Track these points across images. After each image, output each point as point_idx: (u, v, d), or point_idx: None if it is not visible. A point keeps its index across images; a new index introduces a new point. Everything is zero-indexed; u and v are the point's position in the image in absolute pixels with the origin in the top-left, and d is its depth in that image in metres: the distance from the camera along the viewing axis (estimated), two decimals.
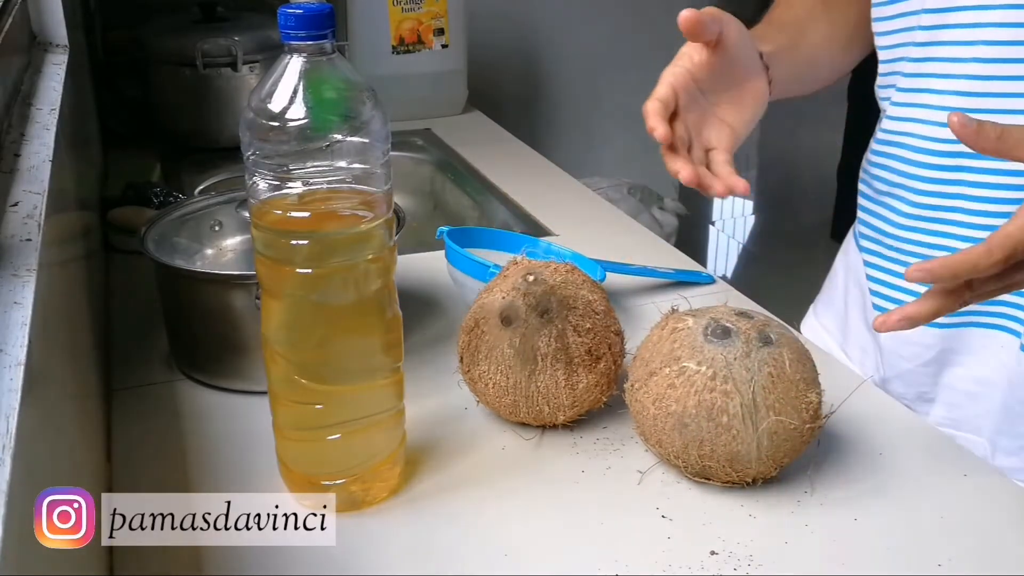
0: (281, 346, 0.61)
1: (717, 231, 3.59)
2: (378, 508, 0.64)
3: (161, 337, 0.83)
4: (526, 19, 2.09)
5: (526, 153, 1.48)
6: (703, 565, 0.59)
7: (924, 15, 0.77)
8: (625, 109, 2.13)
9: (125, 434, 0.73)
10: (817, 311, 1.00)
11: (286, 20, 0.55)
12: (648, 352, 0.66)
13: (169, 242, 0.81)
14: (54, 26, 1.04)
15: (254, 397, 0.74)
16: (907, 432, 0.74)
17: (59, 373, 0.54)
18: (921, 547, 0.61)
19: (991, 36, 0.72)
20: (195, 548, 0.59)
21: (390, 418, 0.64)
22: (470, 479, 0.67)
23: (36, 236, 0.54)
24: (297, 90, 0.56)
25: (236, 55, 1.33)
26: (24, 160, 0.66)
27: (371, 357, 0.62)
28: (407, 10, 1.53)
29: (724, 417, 0.61)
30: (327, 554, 0.60)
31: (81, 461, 0.57)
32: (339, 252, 0.58)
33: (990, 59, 0.73)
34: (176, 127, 1.40)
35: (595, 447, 0.71)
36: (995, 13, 0.72)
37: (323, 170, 0.57)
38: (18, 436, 0.38)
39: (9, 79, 0.79)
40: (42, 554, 0.43)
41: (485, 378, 0.70)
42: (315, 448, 0.63)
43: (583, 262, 0.91)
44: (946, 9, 0.75)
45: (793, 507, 0.64)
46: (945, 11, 0.75)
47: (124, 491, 0.66)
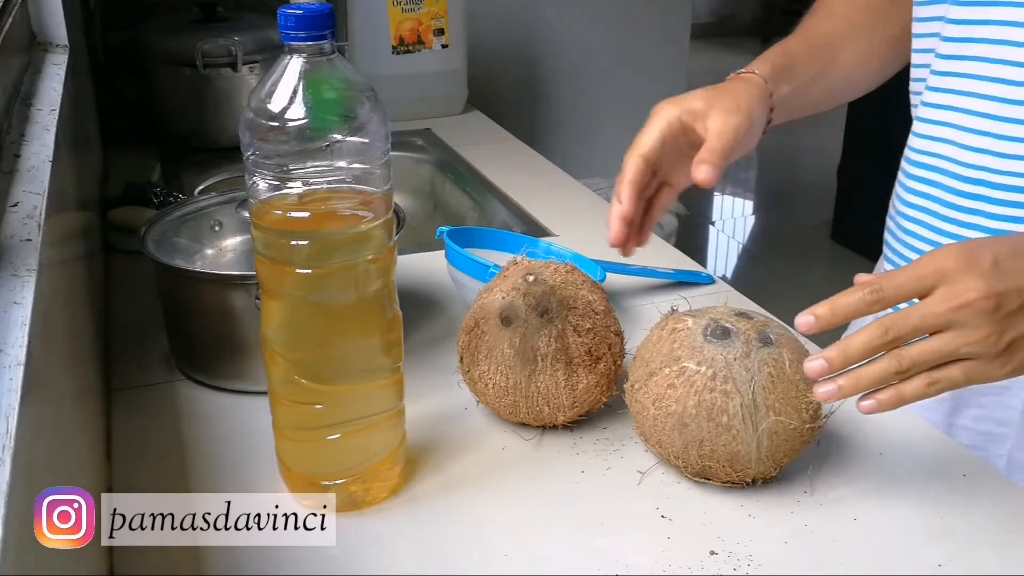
0: (281, 346, 0.61)
1: (717, 231, 3.59)
2: (378, 508, 0.64)
3: (161, 337, 0.83)
4: (526, 19, 2.09)
5: (526, 153, 1.48)
6: (703, 565, 0.59)
7: (953, 7, 0.74)
8: (625, 109, 2.13)
9: (125, 434, 0.73)
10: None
11: (286, 20, 0.55)
12: (648, 352, 0.66)
13: (169, 242, 0.81)
14: (54, 26, 1.03)
15: (254, 397, 0.74)
16: (907, 432, 0.74)
17: (59, 373, 0.54)
18: (921, 547, 0.61)
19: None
20: (195, 548, 0.59)
21: (390, 418, 0.64)
22: (470, 479, 0.67)
23: (36, 236, 0.54)
24: (297, 90, 0.56)
25: (236, 55, 1.33)
26: (24, 160, 0.66)
27: (371, 357, 0.62)
28: (407, 10, 1.53)
29: (724, 417, 0.61)
30: (327, 554, 0.60)
31: (81, 461, 0.57)
32: (339, 252, 0.58)
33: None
34: (176, 127, 1.40)
35: (595, 447, 0.71)
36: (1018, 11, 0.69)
37: (323, 170, 0.57)
38: (18, 436, 0.38)
39: (9, 79, 0.79)
40: (42, 554, 0.43)
41: (485, 378, 0.70)
42: (315, 448, 0.63)
43: (583, 262, 0.91)
44: (976, 2, 0.72)
45: (793, 507, 0.64)
46: (974, 4, 0.72)
47: (124, 491, 0.66)
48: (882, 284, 0.56)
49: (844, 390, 0.58)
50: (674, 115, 0.72)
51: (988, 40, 0.72)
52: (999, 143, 0.71)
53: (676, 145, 0.72)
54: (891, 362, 0.57)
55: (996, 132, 0.72)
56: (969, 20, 0.73)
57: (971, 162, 0.74)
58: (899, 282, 0.57)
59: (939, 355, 0.57)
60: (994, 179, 0.72)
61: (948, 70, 0.76)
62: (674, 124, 0.72)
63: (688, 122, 0.72)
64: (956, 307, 0.55)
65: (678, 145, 0.72)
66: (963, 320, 0.55)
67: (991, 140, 0.72)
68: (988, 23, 0.72)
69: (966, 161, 0.74)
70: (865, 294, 0.56)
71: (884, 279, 0.57)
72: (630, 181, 0.71)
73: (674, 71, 2.28)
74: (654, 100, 0.75)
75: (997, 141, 0.72)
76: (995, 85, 0.72)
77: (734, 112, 0.71)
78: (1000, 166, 0.72)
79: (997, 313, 0.55)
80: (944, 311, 0.55)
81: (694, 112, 0.72)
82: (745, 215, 3.85)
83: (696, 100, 0.72)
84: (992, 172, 0.72)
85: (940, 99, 0.77)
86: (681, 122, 0.72)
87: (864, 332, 0.57)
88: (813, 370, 0.57)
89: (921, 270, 0.57)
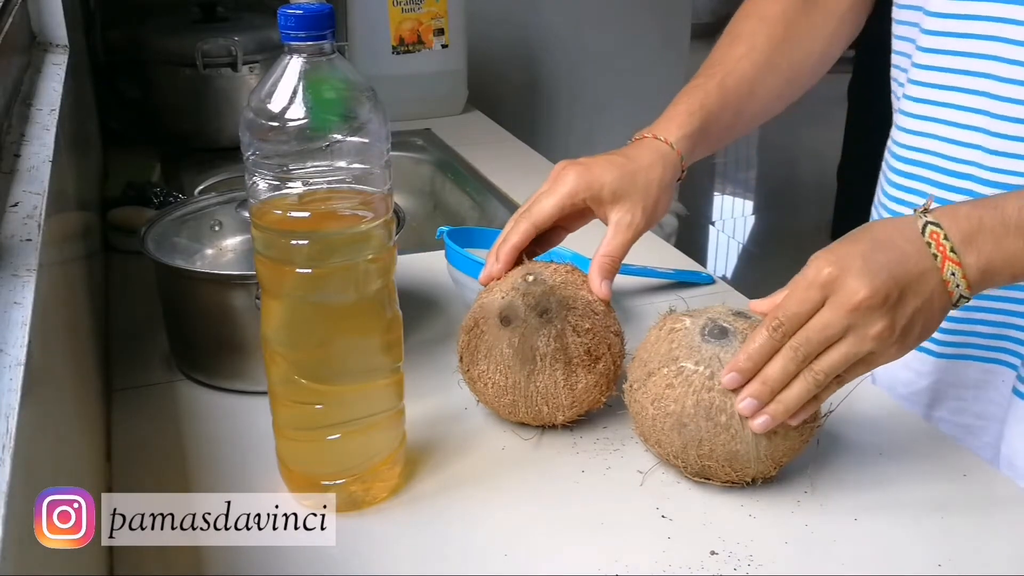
0: (281, 346, 0.61)
1: (717, 231, 3.59)
2: (378, 508, 0.64)
3: (161, 337, 0.83)
4: (526, 19, 2.08)
5: (526, 153, 1.48)
6: (703, 565, 0.59)
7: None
8: (625, 110, 2.13)
9: (125, 434, 0.73)
10: None
11: (286, 20, 0.55)
12: (646, 352, 0.66)
13: (169, 242, 0.81)
14: (54, 26, 1.03)
15: (254, 397, 0.74)
16: (907, 432, 0.74)
17: (59, 373, 0.54)
18: (921, 547, 0.61)
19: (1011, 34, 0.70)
20: (195, 548, 0.59)
21: (390, 418, 0.64)
22: (470, 479, 0.67)
23: (36, 236, 0.54)
24: (297, 90, 0.56)
25: (236, 55, 1.33)
26: (24, 160, 0.66)
27: (371, 357, 0.62)
28: (407, 10, 1.53)
29: (723, 416, 0.61)
30: (327, 554, 0.60)
31: (81, 461, 0.57)
32: (339, 252, 0.58)
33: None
34: (176, 127, 1.40)
35: (595, 447, 0.71)
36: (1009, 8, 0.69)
37: (323, 170, 0.57)
38: (18, 436, 0.38)
39: (9, 79, 0.79)
40: (42, 554, 0.43)
41: (484, 378, 0.70)
42: (315, 448, 0.63)
43: (583, 262, 0.91)
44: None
45: (793, 507, 0.64)
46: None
47: (124, 491, 0.66)
48: (778, 317, 0.61)
49: (776, 416, 0.61)
50: (579, 195, 0.73)
51: (974, 36, 0.72)
52: (989, 139, 0.72)
53: (573, 212, 0.75)
54: (808, 382, 0.61)
55: (985, 128, 0.72)
56: (950, 14, 0.73)
57: (959, 156, 0.74)
58: (793, 310, 0.60)
59: (846, 361, 0.60)
60: (983, 175, 0.73)
61: (930, 64, 0.76)
62: (577, 204, 0.74)
63: (591, 206, 0.74)
64: (849, 311, 0.59)
65: (576, 211, 0.75)
66: (859, 321, 0.59)
67: (980, 135, 0.72)
68: (971, 18, 0.72)
69: (954, 156, 0.75)
70: (771, 333, 0.61)
71: (778, 310, 0.61)
72: (513, 246, 0.73)
73: (674, 71, 2.27)
74: (654, 100, 0.75)
75: (987, 137, 0.72)
76: (984, 81, 0.72)
77: (637, 208, 0.74)
78: (989, 162, 0.72)
79: (884, 306, 0.59)
80: (840, 317, 0.59)
81: (599, 199, 0.74)
82: (745, 215, 3.85)
83: (604, 183, 0.74)
84: (981, 168, 0.73)
85: (923, 93, 0.77)
86: (584, 202, 0.74)
87: (778, 360, 0.61)
88: (731, 382, 0.61)
89: (805, 289, 0.60)
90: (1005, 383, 0.77)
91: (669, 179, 0.76)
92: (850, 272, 0.59)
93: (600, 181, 0.73)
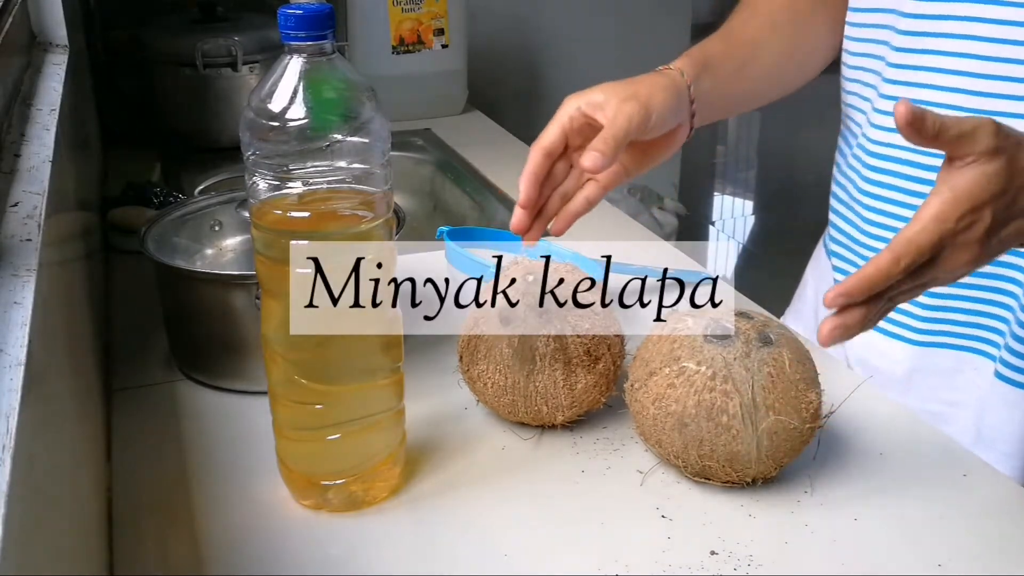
0: (281, 346, 0.61)
1: (717, 231, 3.59)
2: (378, 508, 0.64)
3: (161, 337, 0.83)
4: (526, 19, 2.08)
5: (526, 153, 1.45)
6: (703, 565, 0.59)
7: (900, 19, 0.76)
8: None
9: (125, 434, 0.73)
10: (786, 323, 0.99)
11: (286, 20, 0.55)
12: (648, 352, 0.66)
13: (169, 242, 0.81)
14: (54, 26, 1.04)
15: (254, 397, 0.74)
16: (907, 432, 0.74)
17: (59, 373, 0.54)
18: (921, 547, 0.61)
19: (983, 32, 0.72)
20: (195, 548, 0.59)
21: (390, 418, 0.64)
22: (470, 479, 0.67)
23: (36, 236, 0.54)
24: (297, 90, 0.56)
25: (236, 55, 1.33)
26: (24, 160, 0.66)
27: (371, 357, 0.62)
28: (407, 10, 1.53)
29: (724, 417, 0.61)
30: (327, 554, 0.60)
31: (81, 461, 0.57)
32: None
33: (984, 56, 0.72)
34: (176, 127, 1.40)
35: (595, 447, 0.71)
36: (982, 7, 0.71)
37: (323, 170, 0.57)
38: (18, 436, 0.38)
39: (9, 79, 0.79)
40: (42, 554, 0.43)
41: (484, 377, 0.70)
42: (315, 448, 0.63)
43: (583, 262, 0.91)
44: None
45: (793, 507, 0.64)
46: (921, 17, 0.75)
47: (124, 491, 0.66)
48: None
49: (850, 329, 0.56)
50: (575, 107, 0.73)
51: (948, 35, 0.74)
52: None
53: (584, 136, 0.73)
54: (877, 309, 0.56)
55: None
56: (925, 15, 0.75)
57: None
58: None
59: (922, 289, 0.58)
60: None
61: (905, 63, 0.77)
62: (576, 117, 0.73)
63: (589, 113, 0.72)
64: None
65: (585, 136, 0.73)
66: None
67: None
68: (946, 18, 0.74)
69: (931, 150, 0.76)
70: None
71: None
72: (528, 172, 0.73)
73: None
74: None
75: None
76: (957, 78, 0.73)
77: (630, 100, 0.71)
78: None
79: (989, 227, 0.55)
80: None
81: (594, 103, 0.72)
82: (745, 215, 3.85)
83: (598, 92, 0.73)
84: None
85: (897, 91, 0.78)
86: (582, 113, 0.72)
87: (880, 262, 0.55)
88: (832, 301, 0.56)
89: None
90: (978, 371, 0.78)
91: (664, 94, 0.74)
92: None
93: (594, 93, 0.73)
